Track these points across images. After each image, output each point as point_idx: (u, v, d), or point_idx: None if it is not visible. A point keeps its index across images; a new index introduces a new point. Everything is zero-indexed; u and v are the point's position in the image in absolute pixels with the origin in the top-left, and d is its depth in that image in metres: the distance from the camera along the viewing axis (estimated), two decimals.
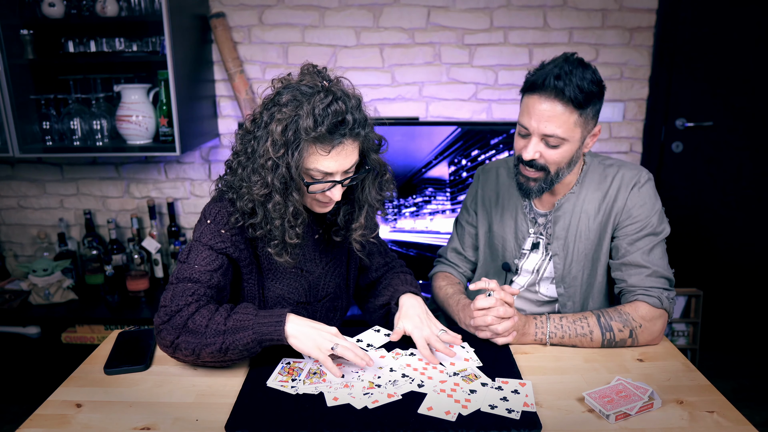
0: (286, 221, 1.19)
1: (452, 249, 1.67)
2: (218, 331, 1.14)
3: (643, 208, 1.38)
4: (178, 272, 1.23)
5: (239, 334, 1.14)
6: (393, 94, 2.67)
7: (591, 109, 1.29)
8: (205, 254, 1.22)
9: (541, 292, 1.52)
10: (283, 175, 1.15)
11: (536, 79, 1.28)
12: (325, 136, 1.13)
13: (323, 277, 1.41)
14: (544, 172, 1.35)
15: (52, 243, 2.76)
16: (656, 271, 1.36)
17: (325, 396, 1.11)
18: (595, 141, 1.37)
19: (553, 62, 1.29)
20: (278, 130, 1.13)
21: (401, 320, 1.30)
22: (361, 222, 1.31)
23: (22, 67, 2.33)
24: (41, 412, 1.10)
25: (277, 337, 1.15)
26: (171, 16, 2.19)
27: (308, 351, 1.15)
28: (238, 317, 1.16)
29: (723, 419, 1.06)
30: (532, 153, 1.32)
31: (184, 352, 1.17)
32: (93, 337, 2.41)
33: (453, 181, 2.47)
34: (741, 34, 2.57)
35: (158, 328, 1.18)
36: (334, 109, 1.12)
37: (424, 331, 1.26)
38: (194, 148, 2.59)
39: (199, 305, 1.18)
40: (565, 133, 1.28)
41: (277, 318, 1.16)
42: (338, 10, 2.57)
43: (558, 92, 1.25)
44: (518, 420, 1.04)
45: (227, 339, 1.14)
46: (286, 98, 1.15)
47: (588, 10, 2.56)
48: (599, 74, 1.30)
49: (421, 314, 1.30)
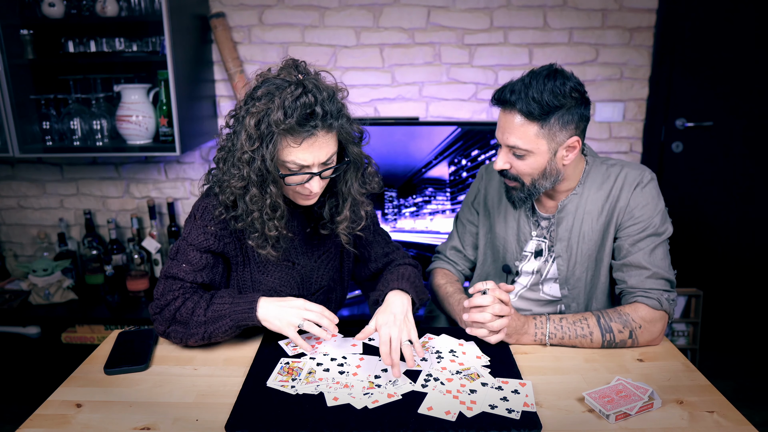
0: (264, 214, 1.22)
1: (452, 247, 1.67)
2: (200, 322, 1.25)
3: (646, 208, 1.38)
4: (167, 268, 1.31)
5: (218, 323, 1.24)
6: (393, 94, 2.67)
7: (556, 120, 1.29)
8: (190, 255, 1.29)
9: (544, 292, 1.52)
10: (259, 168, 1.17)
11: (497, 93, 1.34)
12: (295, 127, 1.14)
13: (316, 269, 1.43)
14: (519, 182, 1.38)
15: (52, 243, 2.76)
16: (657, 272, 1.35)
17: (325, 396, 1.11)
18: (574, 152, 1.34)
19: (524, 75, 1.33)
20: (252, 124, 1.15)
21: (376, 315, 1.27)
22: (346, 214, 1.32)
23: (22, 67, 2.33)
24: (41, 412, 1.10)
25: (251, 322, 1.25)
26: (171, 16, 2.19)
27: (280, 330, 1.22)
28: (215, 307, 1.25)
29: (723, 419, 1.06)
30: (501, 164, 1.37)
31: (175, 340, 1.30)
32: (93, 337, 2.41)
33: (453, 181, 2.47)
34: (741, 34, 2.57)
35: (152, 317, 1.30)
36: (303, 101, 1.13)
37: (392, 329, 1.21)
38: (194, 148, 2.59)
39: (185, 299, 1.27)
40: (526, 144, 1.31)
41: (249, 304, 1.24)
42: (338, 10, 2.57)
43: (512, 105, 1.30)
44: (518, 420, 1.04)
45: (209, 328, 1.25)
46: (260, 92, 1.17)
47: (588, 10, 2.56)
48: (572, 85, 1.29)
49: (398, 314, 1.26)
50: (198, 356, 1.29)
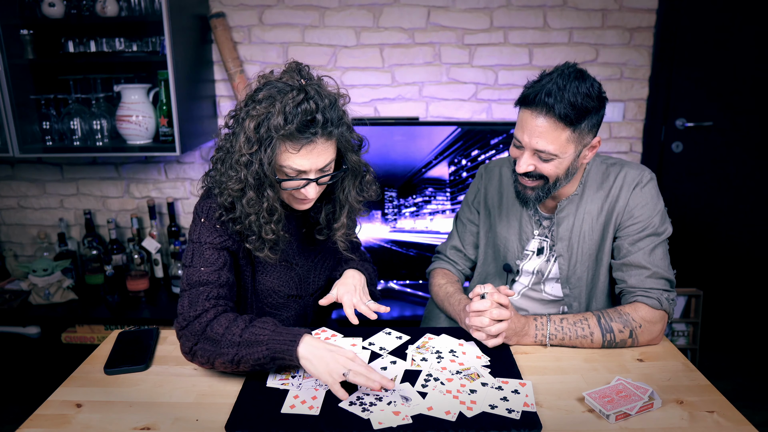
0: (261, 217, 1.21)
1: (452, 246, 1.67)
2: (233, 342, 1.13)
3: (645, 208, 1.38)
4: (187, 278, 1.23)
5: (253, 348, 1.12)
6: (393, 94, 2.67)
7: (587, 124, 1.27)
8: (207, 254, 1.24)
9: (546, 292, 1.52)
10: (256, 172, 1.16)
11: (529, 93, 1.27)
12: (295, 134, 1.13)
13: (313, 270, 1.43)
14: (542, 180, 1.35)
15: (52, 243, 2.76)
16: (657, 272, 1.35)
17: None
18: (594, 152, 1.35)
19: (549, 75, 1.27)
20: (251, 127, 1.14)
21: (336, 286, 1.38)
22: (343, 221, 1.32)
23: (22, 67, 2.33)
24: (41, 412, 1.10)
25: (289, 357, 1.11)
26: (171, 16, 2.19)
27: (318, 375, 1.09)
28: (255, 330, 1.14)
29: (723, 419, 1.06)
30: (525, 167, 1.32)
31: (200, 360, 1.17)
32: (93, 337, 2.41)
33: (453, 181, 2.47)
34: (741, 34, 2.57)
35: (178, 334, 1.19)
36: (304, 108, 1.12)
37: (354, 297, 1.34)
38: (194, 148, 2.59)
39: (217, 311, 1.18)
40: (556, 149, 1.27)
41: (292, 337, 1.13)
42: (338, 10, 2.57)
43: (549, 109, 1.23)
44: (518, 420, 1.04)
45: (241, 351, 1.13)
46: (262, 95, 1.16)
47: (588, 10, 2.56)
48: (597, 86, 1.27)
49: (357, 285, 1.37)
50: None
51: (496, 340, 1.28)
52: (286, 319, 1.43)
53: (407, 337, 1.35)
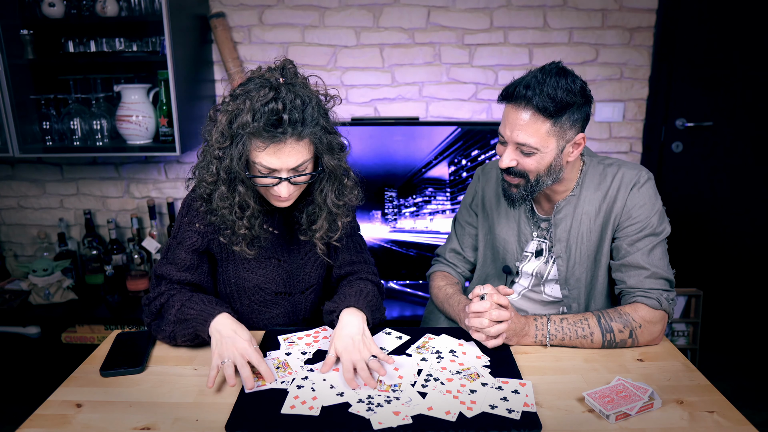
0: (233, 212, 1.23)
1: (451, 249, 1.67)
2: (169, 321, 1.28)
3: (643, 208, 1.38)
4: (159, 264, 1.35)
5: (182, 326, 1.26)
6: (393, 94, 2.67)
7: (568, 118, 1.28)
8: (179, 255, 1.33)
9: (546, 293, 1.52)
10: (227, 167, 1.18)
11: (509, 88, 1.30)
12: (261, 132, 1.14)
13: (303, 267, 1.42)
14: (524, 178, 1.35)
15: (52, 243, 2.76)
16: (656, 272, 1.35)
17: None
18: (579, 149, 1.34)
19: (532, 72, 1.30)
20: (224, 122, 1.17)
21: (333, 341, 1.23)
22: (322, 224, 1.30)
23: (22, 67, 2.33)
24: (41, 412, 1.10)
25: (205, 335, 1.23)
26: (171, 16, 2.19)
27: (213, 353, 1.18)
28: (185, 309, 1.26)
29: (723, 419, 1.06)
30: (507, 161, 1.34)
31: (156, 334, 1.33)
32: (93, 337, 2.41)
33: (453, 181, 2.47)
34: (741, 35, 2.57)
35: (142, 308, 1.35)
36: (271, 107, 1.13)
37: (354, 355, 1.18)
38: (194, 148, 2.58)
39: (170, 295, 1.31)
40: (537, 142, 1.29)
41: (209, 315, 1.23)
42: (338, 10, 2.57)
43: (528, 101, 1.27)
44: (518, 420, 1.04)
45: (175, 329, 1.27)
46: (240, 90, 1.18)
47: (588, 10, 2.56)
48: (580, 83, 1.29)
49: (356, 335, 1.22)
50: (198, 356, 1.29)
51: (496, 341, 1.28)
52: (275, 317, 1.42)
53: (407, 337, 1.35)
